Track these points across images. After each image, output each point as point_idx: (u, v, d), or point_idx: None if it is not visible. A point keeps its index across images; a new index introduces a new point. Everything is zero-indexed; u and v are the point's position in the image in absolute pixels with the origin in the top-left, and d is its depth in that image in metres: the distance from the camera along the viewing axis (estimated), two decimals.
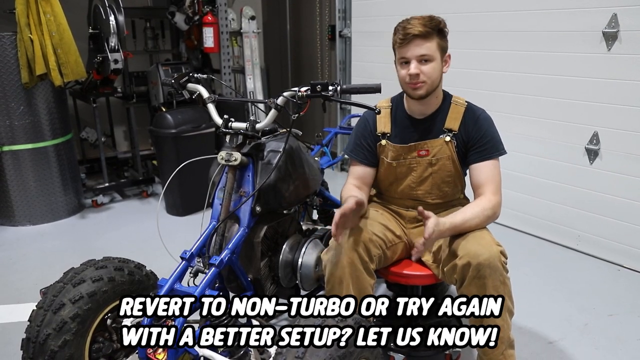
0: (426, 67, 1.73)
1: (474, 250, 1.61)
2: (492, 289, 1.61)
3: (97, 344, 1.69)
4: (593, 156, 3.01)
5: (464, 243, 1.66)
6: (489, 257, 1.59)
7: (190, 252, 1.68)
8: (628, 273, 2.92)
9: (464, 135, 1.85)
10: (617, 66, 2.80)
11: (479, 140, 1.82)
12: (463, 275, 1.64)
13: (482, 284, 1.61)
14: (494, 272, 1.60)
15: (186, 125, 3.69)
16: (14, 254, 3.24)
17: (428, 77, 1.74)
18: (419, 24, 1.69)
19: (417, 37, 1.69)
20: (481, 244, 1.62)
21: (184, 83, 1.95)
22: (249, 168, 1.78)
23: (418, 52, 1.71)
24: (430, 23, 1.70)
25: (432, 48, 1.71)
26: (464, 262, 1.61)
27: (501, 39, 3.34)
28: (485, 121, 1.85)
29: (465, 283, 1.64)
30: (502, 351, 1.72)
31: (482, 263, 1.58)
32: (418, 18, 1.72)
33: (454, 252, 1.67)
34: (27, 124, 3.50)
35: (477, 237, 1.66)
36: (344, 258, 1.69)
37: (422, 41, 1.70)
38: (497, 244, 1.65)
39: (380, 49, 4.20)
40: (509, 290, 1.67)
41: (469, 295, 1.65)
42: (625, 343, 2.27)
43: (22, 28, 3.25)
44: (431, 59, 1.72)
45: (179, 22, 4.28)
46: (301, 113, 1.70)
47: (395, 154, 1.91)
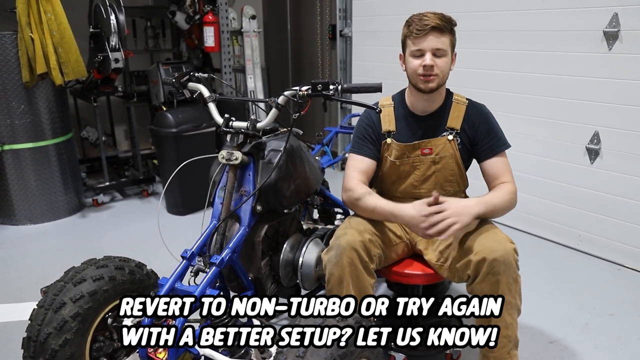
0: (440, 60, 1.75)
1: (490, 247, 1.61)
2: (504, 286, 1.62)
3: (98, 343, 1.69)
4: (594, 156, 3.01)
5: (479, 239, 1.66)
6: (504, 253, 1.60)
7: (191, 251, 1.68)
8: (629, 272, 2.92)
9: (469, 132, 1.86)
10: (618, 66, 2.79)
11: (487, 135, 1.84)
12: (477, 272, 1.63)
13: (495, 281, 1.61)
14: (508, 269, 1.60)
15: (187, 124, 3.69)
16: (15, 252, 3.24)
17: (440, 71, 1.76)
18: (436, 17, 1.72)
19: (435, 29, 1.71)
20: (496, 241, 1.63)
21: (185, 82, 1.95)
22: (250, 167, 1.78)
23: (434, 45, 1.73)
24: (445, 19, 1.73)
25: (446, 43, 1.74)
26: (479, 258, 1.61)
27: (501, 38, 3.33)
28: (487, 116, 1.88)
29: (477, 279, 1.64)
30: (509, 350, 1.72)
31: (498, 259, 1.59)
32: (433, 13, 1.74)
33: (468, 248, 1.67)
34: (28, 123, 3.50)
35: (491, 234, 1.67)
36: (344, 258, 1.69)
37: (439, 34, 1.72)
38: (511, 241, 1.66)
39: (381, 49, 4.20)
40: (520, 288, 1.68)
41: (480, 292, 1.65)
42: (625, 342, 2.27)
43: (22, 27, 3.25)
44: (444, 54, 1.75)
45: (179, 22, 4.28)
46: (302, 112, 1.70)
47: (399, 153, 1.91)
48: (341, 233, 1.74)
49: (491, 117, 1.89)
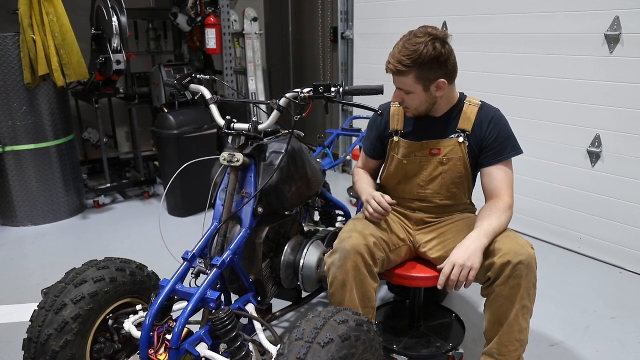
0: (407, 97, 1.80)
1: (515, 250, 1.61)
2: (524, 290, 1.62)
3: (99, 344, 1.69)
4: (595, 159, 3.00)
5: (503, 242, 1.65)
6: (528, 257, 1.61)
7: (192, 253, 1.68)
8: (630, 276, 2.91)
9: (478, 135, 1.84)
10: (620, 69, 2.79)
11: (495, 140, 1.82)
12: (498, 274, 1.63)
13: (516, 284, 1.61)
14: (530, 273, 1.61)
15: (188, 126, 3.70)
16: (16, 254, 3.24)
17: (409, 105, 1.83)
18: (395, 60, 1.72)
19: (393, 72, 1.76)
20: (520, 245, 1.64)
21: (187, 84, 1.95)
22: (251, 169, 1.78)
23: (398, 85, 1.80)
24: (408, 58, 1.68)
25: (407, 83, 1.75)
26: (503, 261, 1.61)
27: (503, 41, 3.34)
28: (500, 120, 1.85)
29: (498, 282, 1.63)
30: (520, 355, 1.73)
31: (523, 262, 1.59)
32: (401, 50, 1.71)
33: (491, 251, 1.66)
34: (30, 124, 3.51)
35: (512, 237, 1.67)
36: (348, 262, 1.69)
37: (399, 76, 1.76)
38: (532, 246, 1.66)
39: (383, 51, 4.19)
40: (535, 294, 1.68)
41: (498, 295, 1.65)
42: (627, 346, 2.27)
43: (25, 29, 3.26)
44: (409, 92, 1.78)
45: (181, 24, 4.29)
46: (303, 114, 1.70)
47: (406, 151, 1.92)
48: (346, 236, 1.74)
49: (504, 122, 1.86)
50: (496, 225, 1.69)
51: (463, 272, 1.58)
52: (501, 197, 1.78)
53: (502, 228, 1.71)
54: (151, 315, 1.56)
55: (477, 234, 1.65)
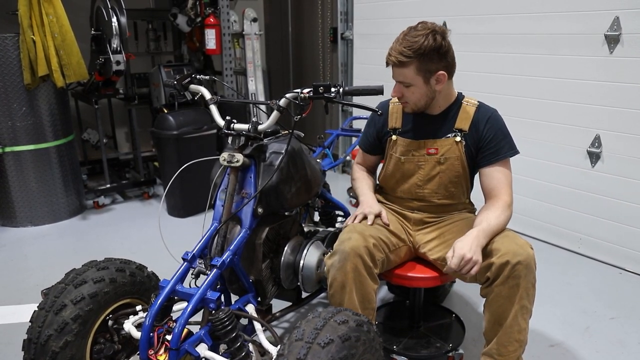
0: (406, 90, 1.81)
1: (513, 250, 1.61)
2: (523, 290, 1.62)
3: (99, 345, 1.69)
4: (595, 159, 3.01)
5: (502, 242, 1.66)
6: (527, 257, 1.61)
7: (191, 254, 1.68)
8: (630, 276, 2.91)
9: (475, 134, 1.85)
10: (619, 69, 2.80)
11: (492, 139, 1.83)
12: (497, 274, 1.63)
13: (515, 284, 1.61)
14: (529, 274, 1.61)
15: (188, 126, 3.69)
16: (15, 254, 3.24)
17: (409, 99, 1.83)
18: (396, 52, 1.73)
19: (394, 64, 1.76)
20: (519, 245, 1.64)
21: (187, 84, 1.95)
22: (251, 169, 1.78)
23: (397, 78, 1.80)
24: (409, 49, 1.70)
25: (408, 75, 1.75)
26: (502, 261, 1.61)
27: (503, 41, 3.34)
28: (497, 120, 1.86)
29: (497, 282, 1.63)
30: (519, 355, 1.73)
31: (522, 262, 1.59)
32: (402, 42, 1.73)
33: (489, 251, 1.66)
34: (29, 125, 3.51)
35: (511, 237, 1.68)
36: (348, 264, 1.69)
37: (399, 68, 1.76)
38: (531, 246, 1.66)
39: (382, 51, 4.16)
40: (534, 294, 1.68)
41: (497, 295, 1.65)
42: (626, 346, 2.27)
43: (24, 29, 3.26)
44: (409, 85, 1.78)
45: (181, 24, 4.29)
46: (303, 115, 1.70)
47: (404, 149, 1.93)
48: (345, 237, 1.74)
49: (500, 123, 1.86)
50: (495, 224, 1.70)
51: (473, 259, 1.59)
52: (500, 196, 1.79)
53: (501, 227, 1.72)
54: (151, 315, 1.55)
55: (477, 231, 1.66)
